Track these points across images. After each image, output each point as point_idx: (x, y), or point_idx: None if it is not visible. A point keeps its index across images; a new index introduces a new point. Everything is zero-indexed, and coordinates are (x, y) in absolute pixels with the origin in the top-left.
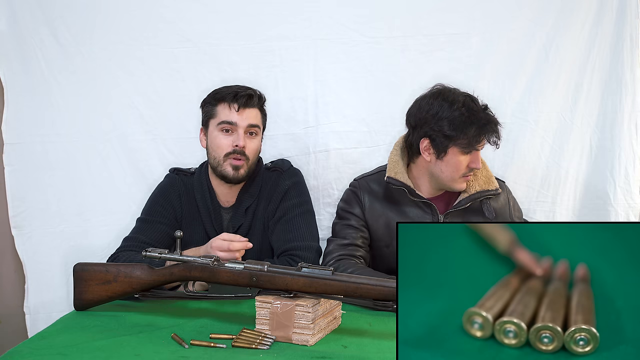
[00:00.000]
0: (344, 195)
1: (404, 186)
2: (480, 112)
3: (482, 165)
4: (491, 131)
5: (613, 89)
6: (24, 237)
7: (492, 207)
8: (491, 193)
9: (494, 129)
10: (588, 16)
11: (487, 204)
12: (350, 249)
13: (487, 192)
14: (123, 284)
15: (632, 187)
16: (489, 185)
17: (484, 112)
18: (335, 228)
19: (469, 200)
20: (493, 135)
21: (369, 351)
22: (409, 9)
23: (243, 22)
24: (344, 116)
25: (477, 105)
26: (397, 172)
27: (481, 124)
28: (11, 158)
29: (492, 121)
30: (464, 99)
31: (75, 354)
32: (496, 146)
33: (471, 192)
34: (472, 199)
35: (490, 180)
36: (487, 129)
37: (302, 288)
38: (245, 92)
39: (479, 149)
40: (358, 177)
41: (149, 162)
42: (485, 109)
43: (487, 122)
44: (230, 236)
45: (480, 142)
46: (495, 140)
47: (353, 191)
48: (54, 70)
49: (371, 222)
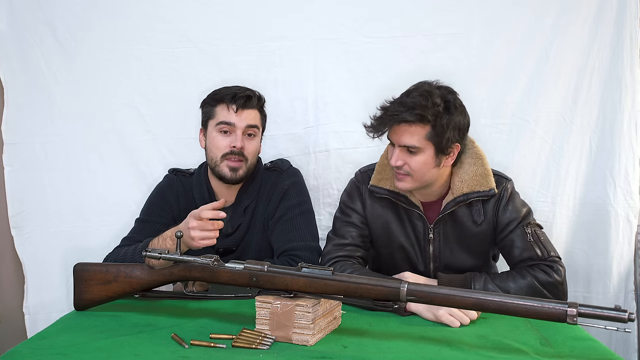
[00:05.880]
0: (348, 186)
1: (388, 194)
2: (396, 103)
3: (476, 162)
4: (388, 122)
5: (613, 89)
6: (23, 237)
7: (482, 209)
8: (481, 195)
9: (391, 120)
10: (588, 16)
11: (477, 207)
12: (349, 249)
13: (474, 193)
14: (123, 284)
15: (632, 187)
16: (480, 186)
17: (399, 103)
18: (336, 224)
19: (454, 204)
20: (388, 125)
21: (369, 351)
22: (408, 9)
23: (243, 22)
24: (344, 116)
25: (402, 97)
26: (382, 178)
27: (386, 115)
28: (11, 158)
29: (395, 113)
30: (412, 89)
31: (75, 354)
32: (373, 136)
33: (456, 195)
34: (457, 202)
35: (485, 180)
36: (384, 119)
37: (302, 288)
38: (244, 93)
39: (394, 143)
40: (363, 168)
41: (149, 162)
42: (404, 105)
43: (392, 113)
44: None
45: (385, 134)
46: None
47: (356, 184)
48: (53, 70)
49: (370, 220)
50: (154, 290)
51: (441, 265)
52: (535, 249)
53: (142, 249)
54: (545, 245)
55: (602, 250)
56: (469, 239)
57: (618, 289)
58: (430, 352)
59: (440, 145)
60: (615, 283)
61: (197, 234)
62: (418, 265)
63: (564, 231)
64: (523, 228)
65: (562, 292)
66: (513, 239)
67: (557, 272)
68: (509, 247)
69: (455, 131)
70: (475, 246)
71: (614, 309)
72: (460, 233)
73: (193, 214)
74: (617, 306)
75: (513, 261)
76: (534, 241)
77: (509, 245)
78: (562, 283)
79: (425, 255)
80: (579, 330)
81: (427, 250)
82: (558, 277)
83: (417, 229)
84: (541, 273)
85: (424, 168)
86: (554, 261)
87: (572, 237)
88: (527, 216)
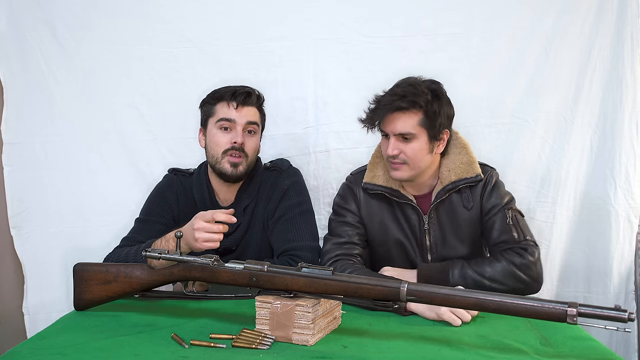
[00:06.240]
0: (340, 190)
1: (382, 190)
2: (388, 94)
3: (461, 151)
4: (383, 111)
5: (613, 88)
6: (23, 237)
7: (471, 195)
8: (469, 181)
9: (385, 109)
10: (588, 16)
11: (466, 194)
12: (346, 248)
13: (462, 180)
14: (123, 284)
15: (633, 187)
16: (467, 173)
17: (391, 94)
18: (331, 225)
19: (444, 192)
20: (376, 117)
21: (369, 351)
22: (409, 8)
23: (243, 22)
24: (344, 116)
25: (392, 89)
26: (375, 175)
27: (380, 105)
28: (11, 158)
29: (388, 102)
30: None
31: (75, 354)
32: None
33: (445, 184)
34: (447, 191)
35: (471, 167)
36: (378, 109)
37: (302, 288)
38: (244, 90)
39: (388, 133)
40: (354, 171)
41: (149, 162)
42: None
43: (385, 102)
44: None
45: (379, 125)
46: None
47: (349, 186)
48: (53, 70)
49: (366, 219)
50: (154, 290)
51: (438, 256)
52: (513, 232)
53: (144, 249)
54: (523, 229)
55: (602, 251)
56: (462, 226)
57: (618, 289)
58: (430, 352)
59: (433, 131)
60: (616, 283)
61: (202, 236)
62: (415, 259)
63: (564, 231)
64: (505, 212)
65: (535, 272)
66: (494, 221)
67: (531, 254)
68: (489, 230)
69: (445, 117)
70: (468, 233)
71: (614, 309)
72: (453, 220)
73: (201, 215)
74: (617, 306)
75: (491, 243)
76: (512, 224)
77: (489, 227)
78: (535, 263)
79: (422, 248)
80: (579, 330)
81: (424, 242)
82: (531, 258)
83: (411, 222)
84: (516, 256)
85: (420, 154)
86: (529, 244)
87: (573, 237)
88: (510, 202)
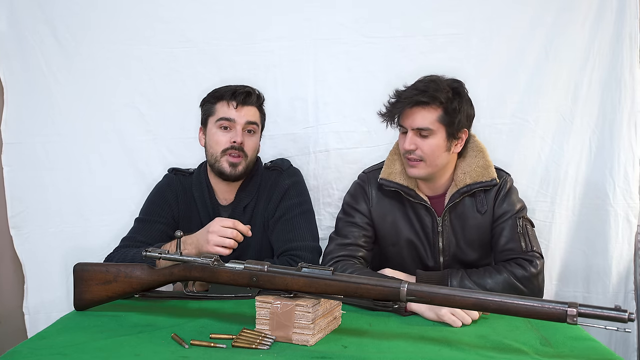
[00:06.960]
0: (351, 188)
1: (398, 187)
2: (409, 88)
3: (477, 154)
4: (402, 105)
5: (612, 88)
6: (22, 237)
7: (485, 200)
8: (484, 185)
9: (405, 102)
10: (588, 16)
11: (480, 197)
12: (350, 249)
13: (477, 184)
14: (123, 284)
15: (632, 187)
16: (482, 177)
17: (412, 88)
18: (339, 224)
19: (459, 195)
20: (398, 111)
21: (369, 351)
22: (409, 9)
23: (243, 22)
24: (344, 116)
25: (414, 84)
26: (392, 172)
27: (400, 99)
28: (10, 158)
29: (409, 96)
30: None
31: (75, 354)
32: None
33: (459, 186)
34: (461, 194)
35: (486, 171)
36: (399, 103)
37: (302, 288)
38: (244, 89)
39: (406, 127)
40: (367, 169)
41: (149, 162)
42: (419, 88)
43: (406, 96)
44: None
45: (398, 119)
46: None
47: (361, 185)
48: (54, 70)
49: (377, 219)
50: (154, 290)
51: (450, 258)
52: (521, 242)
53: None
54: (531, 240)
55: (601, 250)
56: (475, 230)
57: (618, 289)
58: (430, 352)
59: (451, 129)
60: (615, 283)
61: (214, 239)
62: (427, 260)
63: (564, 231)
64: (515, 220)
65: (537, 286)
66: (503, 227)
67: (534, 266)
68: (498, 236)
69: (465, 116)
70: (479, 237)
71: (614, 309)
72: (466, 224)
73: (219, 219)
74: (617, 306)
75: (497, 249)
76: (521, 233)
77: (498, 233)
78: (536, 275)
79: (434, 250)
80: (579, 330)
81: (437, 244)
82: (534, 270)
83: (424, 223)
84: (518, 268)
85: (437, 151)
86: (534, 256)
87: (572, 237)
88: (521, 210)
